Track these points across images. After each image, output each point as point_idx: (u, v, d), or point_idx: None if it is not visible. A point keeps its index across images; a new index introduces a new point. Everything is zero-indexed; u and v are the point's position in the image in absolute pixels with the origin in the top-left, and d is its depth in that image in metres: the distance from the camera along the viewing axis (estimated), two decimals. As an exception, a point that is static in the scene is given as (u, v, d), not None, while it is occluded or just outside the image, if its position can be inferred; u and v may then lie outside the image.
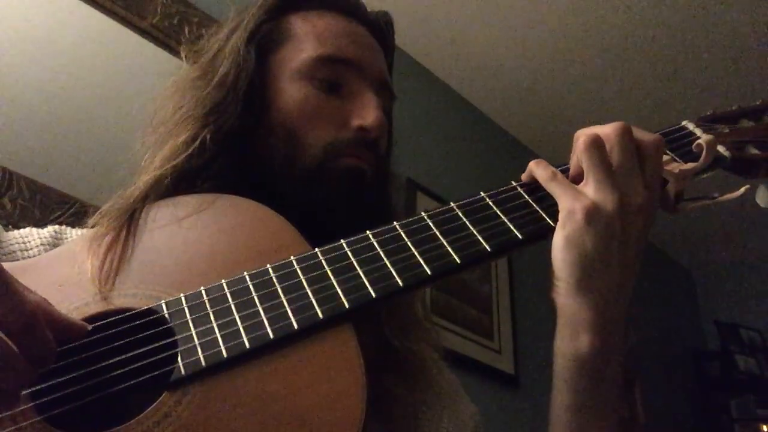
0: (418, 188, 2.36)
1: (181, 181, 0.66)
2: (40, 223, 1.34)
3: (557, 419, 0.57)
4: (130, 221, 0.61)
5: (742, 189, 0.59)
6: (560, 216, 0.55)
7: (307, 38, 0.73)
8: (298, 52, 0.73)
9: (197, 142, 0.68)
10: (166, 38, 1.69)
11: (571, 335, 0.54)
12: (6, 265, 0.58)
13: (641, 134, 0.58)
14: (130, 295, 0.55)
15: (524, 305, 2.58)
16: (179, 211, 0.62)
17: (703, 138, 0.61)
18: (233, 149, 0.69)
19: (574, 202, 0.54)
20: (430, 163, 2.51)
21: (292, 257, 0.56)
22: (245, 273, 0.55)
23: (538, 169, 0.59)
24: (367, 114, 0.70)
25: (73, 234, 0.74)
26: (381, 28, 0.81)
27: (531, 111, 2.91)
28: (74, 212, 1.40)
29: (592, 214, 0.53)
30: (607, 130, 0.57)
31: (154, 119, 0.74)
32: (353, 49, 0.74)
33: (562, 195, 0.56)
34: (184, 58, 0.81)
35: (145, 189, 0.65)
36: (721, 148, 0.62)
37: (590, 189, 0.55)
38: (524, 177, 0.61)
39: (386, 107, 0.77)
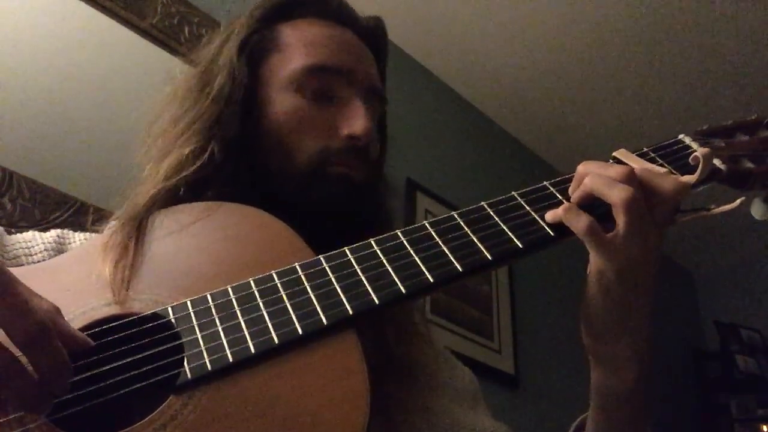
0: (418, 188, 2.36)
1: (190, 190, 0.67)
2: (40, 224, 1.34)
3: None
4: (138, 230, 0.62)
5: (738, 201, 0.60)
6: (592, 270, 0.58)
7: (296, 48, 0.74)
8: (287, 62, 0.74)
9: (206, 154, 0.69)
10: (166, 38, 1.69)
11: (614, 373, 0.60)
12: (15, 270, 0.59)
13: (660, 181, 0.58)
14: (136, 300, 0.55)
15: (524, 305, 2.58)
16: (185, 218, 0.63)
17: (699, 151, 0.62)
18: (237, 157, 0.70)
19: (607, 263, 0.57)
20: (430, 163, 2.51)
21: (296, 264, 0.56)
22: (250, 279, 0.55)
23: (572, 217, 0.58)
24: (355, 122, 0.71)
25: (77, 238, 0.74)
26: (373, 34, 0.81)
27: (531, 111, 2.91)
28: (74, 212, 1.40)
29: (624, 272, 0.57)
30: (619, 174, 0.57)
31: (151, 129, 0.74)
32: (341, 56, 0.74)
33: (595, 252, 0.57)
34: (190, 62, 0.82)
35: (153, 198, 0.66)
36: (716, 161, 0.63)
37: (620, 242, 0.56)
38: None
39: (377, 114, 0.77)
